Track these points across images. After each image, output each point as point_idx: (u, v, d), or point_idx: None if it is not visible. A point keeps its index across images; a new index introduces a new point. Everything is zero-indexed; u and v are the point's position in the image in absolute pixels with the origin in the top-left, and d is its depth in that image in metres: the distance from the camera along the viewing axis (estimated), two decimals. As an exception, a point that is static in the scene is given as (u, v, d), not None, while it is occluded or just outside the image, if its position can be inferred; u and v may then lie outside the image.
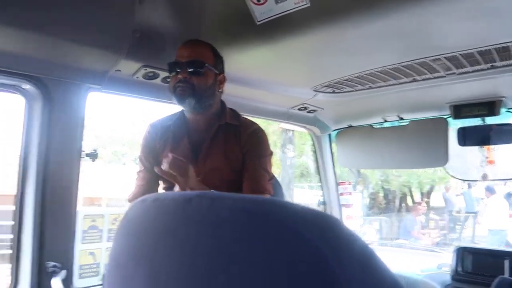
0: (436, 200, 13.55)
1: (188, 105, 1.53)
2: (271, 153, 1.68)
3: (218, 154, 1.58)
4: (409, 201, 14.11)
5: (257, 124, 1.69)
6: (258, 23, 1.58)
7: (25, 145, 1.60)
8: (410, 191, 14.02)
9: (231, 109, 1.69)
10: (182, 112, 1.65)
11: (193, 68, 1.50)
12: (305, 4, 1.44)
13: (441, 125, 2.38)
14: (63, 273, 1.57)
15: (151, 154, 1.64)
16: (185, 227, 0.46)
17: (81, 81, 1.64)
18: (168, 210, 0.50)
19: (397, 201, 13.98)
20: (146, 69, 1.73)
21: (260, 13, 1.55)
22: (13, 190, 1.67)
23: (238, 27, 1.66)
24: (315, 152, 3.00)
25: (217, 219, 0.43)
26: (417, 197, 13.97)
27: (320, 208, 3.02)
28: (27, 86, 1.54)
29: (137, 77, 1.77)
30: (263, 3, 1.52)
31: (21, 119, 1.63)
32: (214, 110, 1.62)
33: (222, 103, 1.68)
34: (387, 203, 14.04)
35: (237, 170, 1.59)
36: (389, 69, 1.92)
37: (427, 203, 12.64)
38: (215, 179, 1.54)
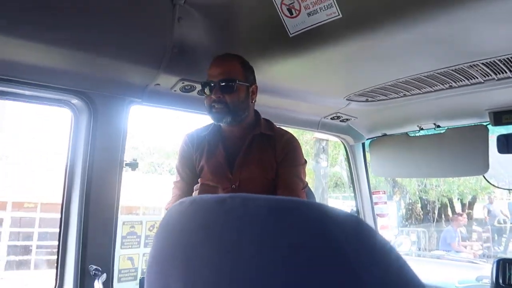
0: (479, 211, 12.93)
1: (225, 122, 1.58)
2: (304, 162, 1.70)
3: (253, 163, 1.61)
4: (449, 211, 13.55)
5: (291, 133, 1.72)
6: (291, 35, 1.62)
7: (71, 156, 1.72)
8: (451, 202, 13.46)
9: (265, 119, 1.73)
10: (218, 125, 1.69)
11: (225, 87, 1.54)
12: (337, 16, 1.47)
13: (480, 132, 2.31)
14: (104, 276, 1.65)
15: (188, 165, 1.70)
16: (218, 226, 0.50)
17: (124, 95, 1.74)
18: (203, 211, 0.54)
19: (436, 212, 13.45)
20: (183, 83, 1.81)
21: (293, 25, 1.59)
22: (59, 199, 1.78)
23: (272, 40, 1.71)
24: (348, 161, 2.97)
25: (248, 217, 0.46)
26: (458, 207, 13.39)
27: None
28: (75, 100, 1.65)
29: (175, 90, 1.86)
30: (296, 16, 1.56)
31: (67, 131, 1.74)
32: (249, 120, 1.66)
33: (256, 113, 1.72)
34: (425, 214, 13.54)
35: (271, 178, 1.63)
36: (424, 76, 1.89)
37: (469, 214, 12.08)
38: (249, 187, 1.58)
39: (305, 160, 1.71)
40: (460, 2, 1.26)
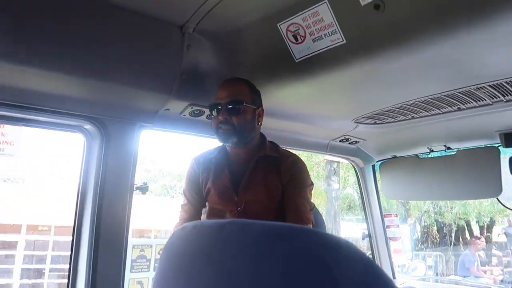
0: (498, 234, 12.55)
1: (231, 143, 1.61)
2: (311, 184, 1.71)
3: (258, 184, 1.63)
4: (467, 235, 13.18)
5: (296, 155, 1.73)
6: (297, 61, 1.65)
7: (83, 180, 1.75)
8: (468, 224, 13.12)
9: (270, 141, 1.75)
10: (223, 145, 1.72)
11: (231, 109, 1.58)
12: (341, 41, 1.50)
13: (492, 154, 2.29)
14: (114, 300, 1.65)
15: (195, 188, 1.72)
16: (218, 250, 0.52)
17: (135, 120, 1.79)
18: (204, 235, 0.56)
19: (453, 235, 13.10)
20: (192, 107, 1.85)
21: (299, 51, 1.63)
22: (70, 222, 1.81)
23: (278, 65, 1.75)
24: (359, 183, 2.96)
25: (246, 242, 0.48)
26: (476, 230, 13.02)
27: (365, 242, 2.94)
28: (88, 126, 1.71)
29: (184, 115, 1.90)
30: (301, 42, 1.60)
31: (80, 156, 1.79)
32: (255, 142, 1.69)
33: (262, 135, 1.75)
34: (442, 237, 13.19)
35: (277, 200, 1.63)
36: (431, 99, 1.90)
37: (488, 237, 11.73)
38: (255, 209, 1.60)
39: (312, 181, 1.72)
40: (462, 26, 1.28)
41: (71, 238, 1.78)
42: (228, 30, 1.69)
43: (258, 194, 1.62)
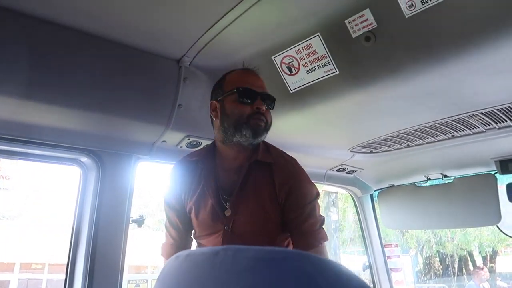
0: (502, 264, 12.32)
1: (256, 141, 1.39)
2: (316, 194, 1.43)
3: (249, 200, 1.38)
4: (470, 265, 12.93)
5: (292, 162, 1.46)
6: (291, 92, 1.69)
7: (78, 213, 1.74)
8: (470, 255, 12.90)
9: (264, 142, 1.49)
10: (211, 147, 1.51)
11: (268, 101, 1.41)
12: (334, 72, 1.54)
13: (489, 181, 2.29)
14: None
15: (176, 206, 1.49)
16: (213, 277, 0.51)
17: (131, 152, 1.80)
18: (198, 264, 0.55)
19: (456, 266, 12.84)
20: (189, 139, 1.86)
21: (293, 82, 1.67)
22: (64, 259, 1.77)
23: (274, 96, 1.77)
24: (357, 213, 2.93)
25: (240, 268, 0.47)
26: (479, 261, 12.79)
27: (366, 273, 2.88)
28: (84, 158, 1.71)
29: (181, 146, 1.91)
30: (295, 74, 1.64)
31: (75, 189, 1.78)
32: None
33: None
34: (445, 268, 12.93)
35: (271, 219, 1.39)
36: (425, 127, 1.93)
37: (492, 268, 11.51)
38: (244, 229, 1.38)
39: (317, 190, 1.44)
40: (450, 56, 1.32)
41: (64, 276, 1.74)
42: (224, 64, 1.73)
43: (249, 211, 1.37)
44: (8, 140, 1.51)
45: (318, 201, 1.45)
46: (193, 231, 1.54)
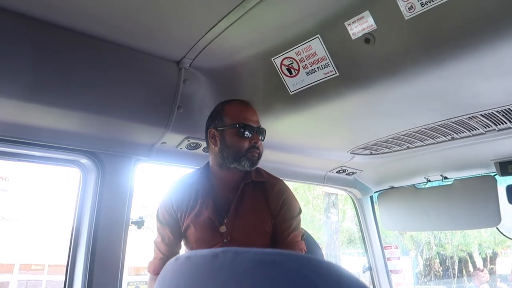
0: (503, 266, 12.29)
1: (253, 168, 1.56)
2: (300, 211, 1.64)
3: (247, 214, 1.54)
4: (470, 267, 12.92)
5: (282, 181, 1.65)
6: (291, 93, 1.69)
7: (78, 215, 1.74)
8: (471, 256, 12.88)
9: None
10: (206, 167, 1.64)
11: (262, 135, 1.59)
12: (334, 74, 1.54)
13: (489, 183, 2.29)
14: None
15: (170, 221, 1.60)
16: (212, 279, 0.51)
17: (131, 154, 1.80)
18: (197, 266, 0.55)
19: (456, 267, 12.82)
20: (189, 140, 1.86)
21: (293, 84, 1.67)
22: (64, 260, 1.77)
23: (273, 98, 1.78)
24: (357, 215, 2.93)
25: (239, 270, 0.47)
26: (479, 262, 12.77)
27: (365, 275, 2.87)
28: (84, 160, 1.71)
29: (181, 148, 1.91)
30: (295, 75, 1.64)
31: (75, 191, 1.78)
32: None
33: None
34: (445, 270, 12.91)
35: (265, 230, 1.55)
36: (425, 129, 1.93)
37: (492, 269, 11.49)
38: (242, 241, 1.50)
39: (300, 209, 1.65)
40: (449, 58, 1.32)
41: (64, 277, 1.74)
42: (224, 65, 1.74)
43: (246, 224, 1.53)
44: (7, 141, 1.51)
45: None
46: (186, 249, 1.64)
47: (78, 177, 1.78)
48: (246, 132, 1.54)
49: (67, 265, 1.72)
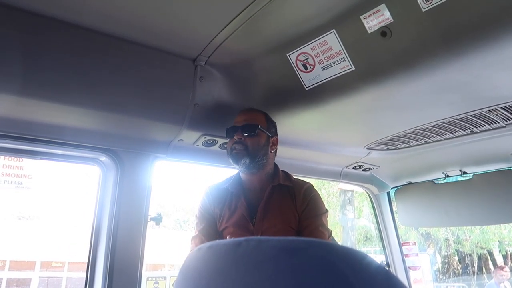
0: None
1: (243, 164, 1.63)
2: (326, 211, 1.72)
3: (275, 213, 1.64)
4: (490, 264, 12.66)
5: (309, 183, 1.75)
6: (307, 89, 1.68)
7: (98, 212, 1.77)
8: (490, 254, 12.62)
9: (283, 171, 1.78)
10: (237, 174, 1.75)
11: (247, 131, 1.65)
12: (350, 68, 1.53)
13: (509, 177, 2.24)
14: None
15: (208, 219, 1.71)
16: (235, 267, 0.51)
17: (149, 151, 1.82)
18: (220, 254, 0.56)
19: (475, 265, 12.58)
20: (205, 137, 1.88)
21: (308, 79, 1.66)
22: (84, 258, 1.81)
23: (289, 94, 1.78)
24: (374, 211, 2.91)
25: (262, 258, 0.48)
26: (500, 260, 12.51)
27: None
28: (103, 158, 1.74)
29: (197, 145, 1.93)
30: (310, 71, 1.64)
31: (95, 188, 1.81)
32: (268, 171, 1.71)
33: (276, 166, 1.77)
34: (464, 267, 12.68)
35: (293, 228, 1.63)
36: (443, 123, 1.90)
37: (513, 267, 11.23)
38: (272, 235, 1.58)
39: (326, 209, 1.74)
40: (468, 49, 1.29)
41: (85, 274, 1.77)
42: (239, 62, 1.74)
43: (274, 222, 1.62)
44: (30, 140, 1.56)
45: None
46: None
47: (97, 175, 1.82)
48: (231, 134, 1.67)
49: (88, 262, 1.75)
